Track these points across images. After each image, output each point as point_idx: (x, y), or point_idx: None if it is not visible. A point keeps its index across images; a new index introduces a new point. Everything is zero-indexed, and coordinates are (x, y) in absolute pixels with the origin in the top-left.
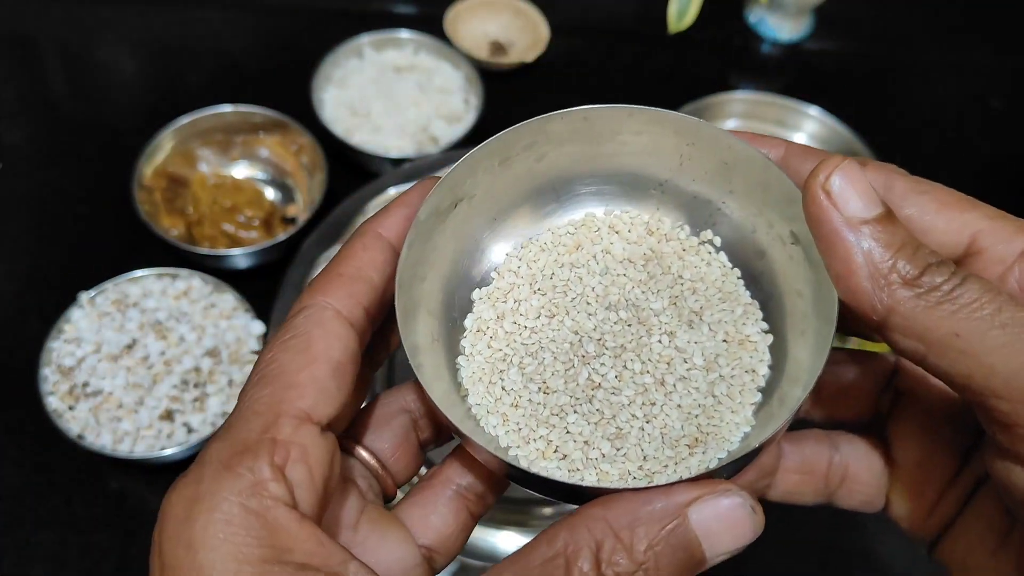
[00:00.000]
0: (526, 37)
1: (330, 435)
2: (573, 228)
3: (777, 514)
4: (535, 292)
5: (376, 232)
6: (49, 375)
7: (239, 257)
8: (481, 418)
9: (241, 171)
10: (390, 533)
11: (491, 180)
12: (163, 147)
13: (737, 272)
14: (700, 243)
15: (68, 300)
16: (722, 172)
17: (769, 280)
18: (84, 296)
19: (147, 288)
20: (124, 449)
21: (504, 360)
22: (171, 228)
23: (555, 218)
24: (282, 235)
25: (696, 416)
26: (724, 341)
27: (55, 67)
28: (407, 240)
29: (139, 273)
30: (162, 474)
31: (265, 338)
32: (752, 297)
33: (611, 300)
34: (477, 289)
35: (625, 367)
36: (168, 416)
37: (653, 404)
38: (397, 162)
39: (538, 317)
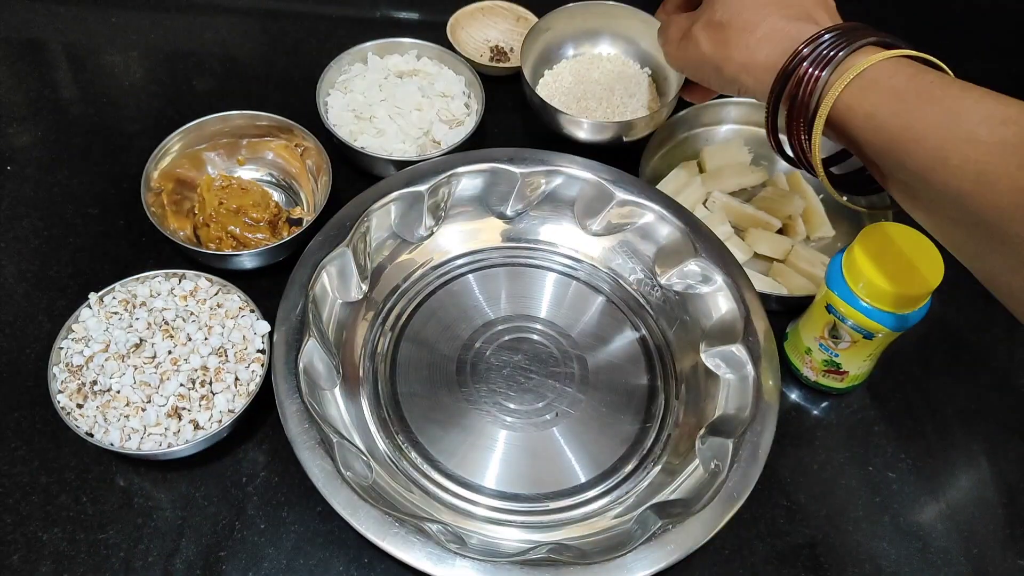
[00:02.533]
0: None
1: None
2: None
3: (768, 514)
4: None
5: None
6: (58, 374)
7: (245, 258)
8: None
9: (247, 174)
10: None
11: None
12: (171, 150)
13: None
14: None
15: (77, 300)
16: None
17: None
18: (93, 296)
19: (155, 288)
20: (132, 446)
21: None
22: (178, 230)
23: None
24: (287, 236)
25: None
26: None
27: (64, 71)
28: None
29: (147, 273)
30: (169, 471)
31: (270, 337)
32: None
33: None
34: None
35: None
36: (175, 414)
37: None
38: (400, 164)
39: None
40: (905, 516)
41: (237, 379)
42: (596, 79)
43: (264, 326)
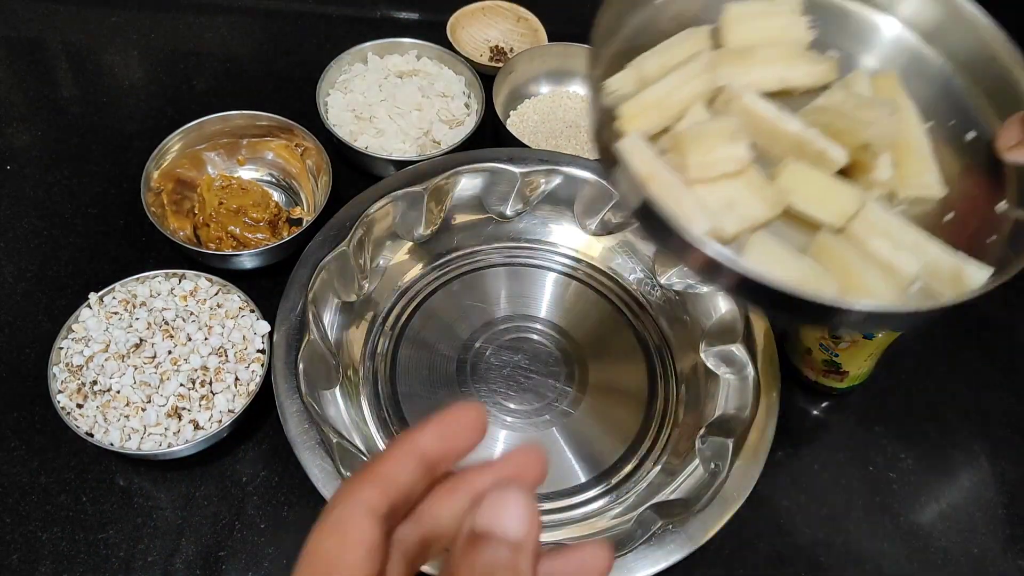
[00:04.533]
0: (526, 43)
1: None
2: None
3: (769, 513)
4: None
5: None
6: (58, 374)
7: (245, 258)
8: None
9: (247, 174)
10: None
11: None
12: (171, 150)
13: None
14: None
15: (77, 300)
16: None
17: None
18: (93, 296)
19: (155, 288)
20: (132, 446)
21: None
22: (178, 229)
23: None
24: (287, 236)
25: None
26: None
27: (64, 71)
28: None
29: (147, 273)
30: (169, 470)
31: (270, 337)
32: None
33: None
34: None
35: None
36: (175, 413)
37: None
38: (400, 164)
39: None
40: (906, 516)
41: (237, 379)
42: (561, 117)
43: (264, 326)
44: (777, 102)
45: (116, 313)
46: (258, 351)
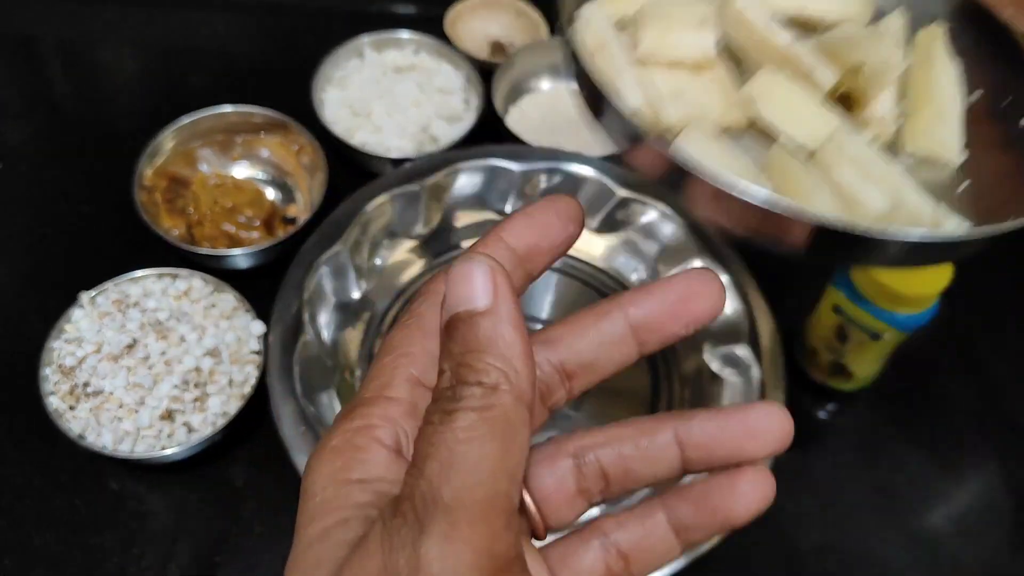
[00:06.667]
0: (527, 37)
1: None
2: None
3: (772, 517)
4: None
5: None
6: (50, 375)
7: (239, 257)
8: None
9: (242, 171)
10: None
11: None
12: (164, 147)
13: None
14: None
15: (69, 300)
16: None
17: None
18: (85, 296)
19: (148, 288)
20: (125, 449)
21: None
22: (172, 228)
23: None
24: (282, 235)
25: None
26: None
27: (56, 67)
28: None
29: (140, 273)
30: (163, 474)
31: (265, 338)
32: None
33: None
34: None
35: None
36: (169, 416)
37: None
38: (397, 162)
39: None
40: (914, 521)
41: (231, 381)
42: (562, 113)
43: (259, 327)
44: (792, 31)
45: (108, 313)
46: (253, 352)
